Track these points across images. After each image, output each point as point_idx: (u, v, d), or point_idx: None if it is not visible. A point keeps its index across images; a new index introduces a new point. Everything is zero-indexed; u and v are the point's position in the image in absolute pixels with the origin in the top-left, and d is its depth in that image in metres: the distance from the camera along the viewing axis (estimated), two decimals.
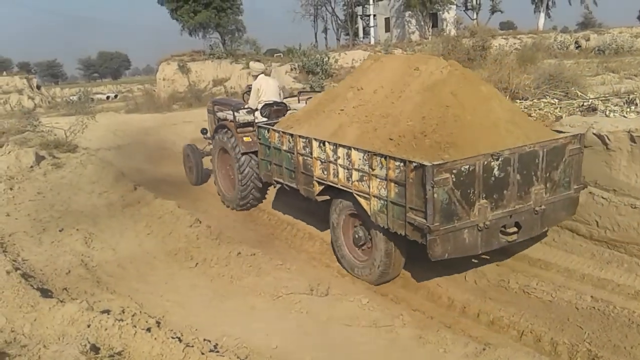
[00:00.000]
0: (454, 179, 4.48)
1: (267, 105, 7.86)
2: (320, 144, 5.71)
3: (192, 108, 17.09)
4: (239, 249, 6.30)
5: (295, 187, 6.38)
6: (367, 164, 5.05)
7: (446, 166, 4.42)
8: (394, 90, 5.53)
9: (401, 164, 4.64)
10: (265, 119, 7.61)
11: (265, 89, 8.02)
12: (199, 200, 9.11)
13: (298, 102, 8.72)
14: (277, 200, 8.30)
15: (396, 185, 4.75)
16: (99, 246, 6.69)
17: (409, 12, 34.80)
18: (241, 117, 7.98)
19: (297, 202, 7.37)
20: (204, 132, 9.91)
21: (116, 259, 6.35)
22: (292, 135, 6.18)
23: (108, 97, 42.53)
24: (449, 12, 35.54)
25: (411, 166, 4.51)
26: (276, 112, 7.80)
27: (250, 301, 5.10)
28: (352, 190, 5.35)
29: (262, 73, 8.30)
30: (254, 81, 8.18)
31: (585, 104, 7.24)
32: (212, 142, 9.00)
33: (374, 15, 38.44)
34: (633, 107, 6.56)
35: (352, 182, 5.34)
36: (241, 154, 7.82)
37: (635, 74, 11.40)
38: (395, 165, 4.71)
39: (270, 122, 7.15)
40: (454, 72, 5.40)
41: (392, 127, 5.10)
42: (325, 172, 5.74)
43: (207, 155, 9.56)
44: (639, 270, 5.21)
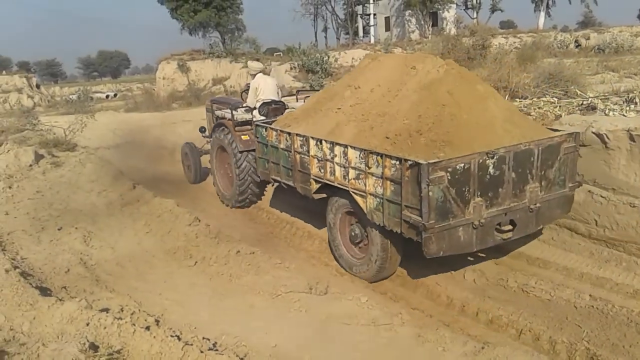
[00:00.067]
0: (449, 177, 4.49)
1: (265, 103, 7.86)
2: (317, 142, 5.72)
3: (191, 107, 17.04)
4: (238, 247, 6.29)
5: (293, 185, 6.39)
6: (363, 162, 5.06)
7: (441, 164, 4.43)
8: (391, 89, 5.53)
9: (397, 162, 4.65)
10: (263, 118, 7.61)
11: (263, 87, 8.01)
12: (198, 199, 9.10)
13: (296, 100, 8.72)
14: (276, 198, 8.30)
15: (392, 184, 4.76)
16: (98, 245, 6.69)
17: (409, 11, 34.78)
18: (239, 116, 7.99)
19: (296, 200, 7.37)
20: (203, 130, 9.91)
21: (115, 257, 6.35)
22: (290, 134, 6.19)
23: (107, 96, 42.47)
24: (449, 11, 35.53)
25: (407, 164, 4.53)
26: (274, 111, 7.79)
27: (249, 300, 5.10)
28: (349, 188, 5.36)
29: (260, 72, 8.29)
30: (252, 80, 8.18)
31: (584, 102, 7.25)
32: (210, 140, 9.00)
33: (374, 14, 38.41)
34: (632, 106, 6.57)
35: (348, 180, 5.34)
36: (239, 152, 7.82)
37: (635, 72, 11.41)
38: (391, 164, 4.72)
39: (268, 121, 7.16)
40: (450, 71, 5.40)
41: (389, 126, 5.11)
42: (322, 170, 5.75)
43: (205, 154, 9.55)
44: (637, 269, 5.22)
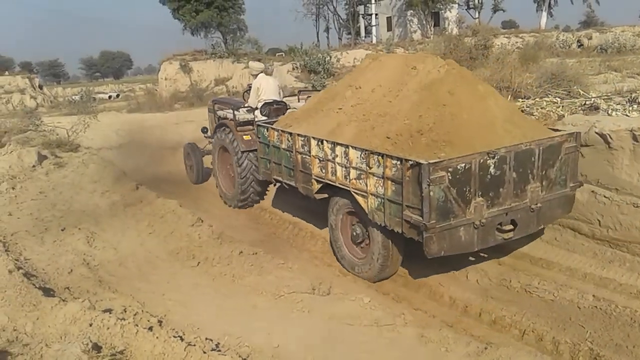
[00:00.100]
0: (450, 177, 4.49)
1: (267, 104, 7.87)
2: (319, 143, 5.72)
3: (193, 107, 17.08)
4: (241, 248, 6.30)
5: (294, 185, 6.40)
6: (364, 162, 5.07)
7: (442, 164, 4.44)
8: (392, 89, 5.54)
9: (398, 162, 4.66)
10: (265, 118, 7.62)
11: (265, 88, 8.03)
12: (201, 199, 9.11)
13: (298, 101, 8.73)
14: (278, 199, 8.30)
15: (393, 183, 4.76)
16: (101, 245, 6.70)
17: (411, 11, 34.78)
18: (241, 116, 8.00)
19: (298, 201, 7.37)
20: (205, 130, 9.93)
21: (118, 258, 6.35)
22: (291, 134, 6.20)
23: (110, 97, 42.52)
24: (451, 11, 35.54)
25: (407, 164, 4.53)
26: (276, 111, 7.81)
27: (252, 300, 5.10)
28: (350, 188, 5.36)
29: (261, 72, 8.30)
30: (254, 80, 8.19)
31: (587, 102, 7.24)
32: (212, 140, 9.02)
33: (376, 15, 38.38)
34: (635, 106, 6.56)
35: (349, 180, 5.35)
36: (241, 153, 7.83)
37: (637, 72, 11.36)
38: (392, 164, 4.72)
39: (269, 121, 7.17)
40: (451, 71, 5.41)
41: (390, 126, 5.12)
42: (324, 171, 5.76)
43: (207, 154, 9.57)
44: None
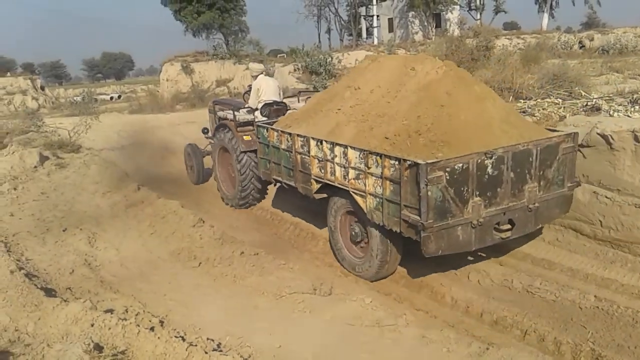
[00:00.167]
0: (448, 177, 4.52)
1: (267, 104, 7.88)
2: (318, 143, 5.75)
3: (195, 108, 17.08)
4: (242, 248, 6.31)
5: (294, 185, 6.43)
6: (363, 163, 5.09)
7: (440, 164, 4.46)
8: (390, 90, 5.56)
9: (396, 162, 4.68)
10: (265, 118, 7.64)
11: (265, 88, 8.05)
12: (202, 199, 9.11)
13: (298, 101, 8.74)
14: (279, 199, 8.30)
15: (391, 183, 4.79)
16: (103, 246, 6.71)
17: (413, 13, 34.78)
18: (241, 117, 8.02)
19: (299, 201, 7.38)
20: (205, 131, 9.94)
21: (119, 258, 6.37)
22: (291, 134, 6.23)
23: (112, 98, 42.60)
24: (452, 13, 35.52)
25: (406, 164, 4.56)
26: (276, 112, 7.82)
27: (254, 301, 5.10)
28: (349, 188, 5.39)
29: (262, 73, 8.32)
30: (254, 81, 8.21)
31: (589, 103, 7.24)
32: (213, 141, 9.03)
33: (377, 16, 38.36)
34: (637, 107, 6.56)
35: (348, 180, 5.38)
36: (241, 153, 7.85)
37: (639, 73, 11.36)
38: (391, 164, 4.75)
39: (269, 122, 7.19)
40: (448, 73, 5.44)
41: (388, 126, 5.14)
42: (323, 171, 5.78)
43: (208, 155, 9.58)
44: None
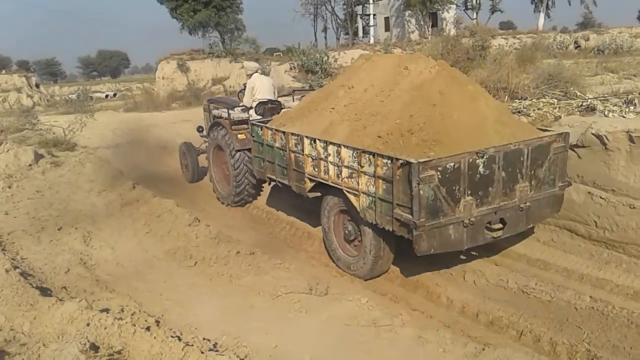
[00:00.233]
0: (440, 176, 4.54)
1: (262, 103, 7.88)
2: (312, 142, 5.76)
3: (191, 107, 17.03)
4: (238, 248, 6.30)
5: (288, 183, 6.43)
6: (356, 161, 5.11)
7: (432, 163, 4.48)
8: (384, 89, 5.58)
9: (388, 161, 4.70)
10: (259, 117, 7.64)
11: (259, 87, 8.05)
12: (197, 198, 9.10)
13: (292, 100, 8.74)
14: (275, 198, 8.29)
15: (384, 182, 4.80)
16: (98, 245, 6.69)
17: (409, 12, 34.80)
18: (236, 115, 8.02)
19: (295, 200, 7.37)
20: (200, 129, 9.93)
21: (115, 257, 6.35)
22: (284, 133, 6.23)
23: (107, 96, 42.45)
24: (448, 12, 35.54)
25: (398, 163, 4.58)
26: (270, 110, 7.81)
27: (250, 300, 5.10)
28: (342, 186, 5.40)
29: (256, 72, 8.31)
30: (249, 80, 8.20)
31: (584, 104, 7.26)
32: (207, 139, 9.02)
33: (374, 15, 38.41)
34: (632, 107, 6.58)
35: (342, 179, 5.39)
36: (235, 151, 7.85)
37: (634, 74, 11.42)
38: (383, 163, 4.76)
39: (264, 120, 7.19)
40: (441, 72, 5.45)
41: (381, 125, 5.16)
42: (316, 169, 5.79)
43: (203, 153, 9.59)
44: (637, 271, 5.22)
